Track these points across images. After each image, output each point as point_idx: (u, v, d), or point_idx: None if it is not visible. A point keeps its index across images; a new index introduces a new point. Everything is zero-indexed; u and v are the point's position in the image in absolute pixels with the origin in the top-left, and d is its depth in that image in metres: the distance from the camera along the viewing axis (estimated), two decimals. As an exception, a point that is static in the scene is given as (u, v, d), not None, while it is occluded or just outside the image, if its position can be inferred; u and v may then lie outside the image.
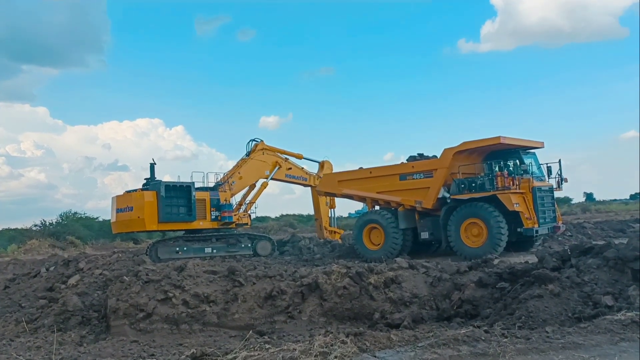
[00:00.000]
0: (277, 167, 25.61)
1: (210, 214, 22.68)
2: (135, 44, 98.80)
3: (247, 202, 25.21)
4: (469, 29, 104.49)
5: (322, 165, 27.37)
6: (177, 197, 21.83)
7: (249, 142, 25.58)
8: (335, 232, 27.12)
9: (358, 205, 37.12)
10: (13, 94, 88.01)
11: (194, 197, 22.08)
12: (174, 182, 22.35)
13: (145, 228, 21.84)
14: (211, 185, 23.76)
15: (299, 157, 26.97)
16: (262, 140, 25.72)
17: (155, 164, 22.90)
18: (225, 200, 23.25)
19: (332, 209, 27.09)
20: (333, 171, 26.60)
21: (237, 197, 25.04)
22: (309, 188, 26.97)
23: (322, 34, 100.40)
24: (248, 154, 25.31)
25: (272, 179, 25.67)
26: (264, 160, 25.44)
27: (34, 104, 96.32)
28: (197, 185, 22.93)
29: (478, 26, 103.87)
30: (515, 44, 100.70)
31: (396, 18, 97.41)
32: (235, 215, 23.67)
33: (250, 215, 25.03)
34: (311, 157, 27.53)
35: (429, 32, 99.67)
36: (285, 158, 26.27)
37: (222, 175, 24.50)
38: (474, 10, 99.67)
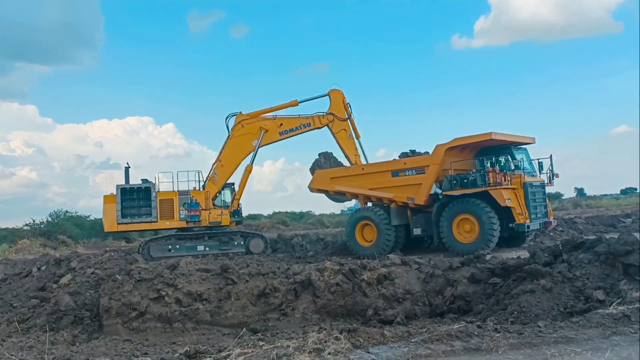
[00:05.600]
0: (262, 132, 23.25)
1: (179, 213, 22.66)
2: (128, 40, 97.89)
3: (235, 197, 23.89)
4: (463, 25, 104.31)
5: (330, 95, 23.75)
6: (137, 198, 22.61)
7: (226, 119, 23.52)
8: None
9: (350, 202, 37.01)
10: (5, 92, 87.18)
11: (155, 197, 22.50)
12: (132, 184, 22.95)
13: (105, 229, 23.30)
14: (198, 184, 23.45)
15: (294, 104, 23.79)
16: (240, 112, 23.47)
17: (129, 167, 23.54)
18: (192, 199, 22.66)
19: (359, 139, 23.48)
20: (345, 98, 23.61)
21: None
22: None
23: (316, 29, 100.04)
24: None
25: (262, 145, 23.46)
26: (246, 132, 23.29)
27: (24, 102, 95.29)
28: (174, 185, 23.05)
29: (472, 22, 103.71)
30: (509, 39, 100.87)
31: (390, 14, 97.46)
32: (206, 212, 22.69)
33: (239, 212, 24.12)
34: (313, 96, 23.91)
35: (422, 28, 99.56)
36: (274, 116, 23.62)
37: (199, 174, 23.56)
38: (467, 6, 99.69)
